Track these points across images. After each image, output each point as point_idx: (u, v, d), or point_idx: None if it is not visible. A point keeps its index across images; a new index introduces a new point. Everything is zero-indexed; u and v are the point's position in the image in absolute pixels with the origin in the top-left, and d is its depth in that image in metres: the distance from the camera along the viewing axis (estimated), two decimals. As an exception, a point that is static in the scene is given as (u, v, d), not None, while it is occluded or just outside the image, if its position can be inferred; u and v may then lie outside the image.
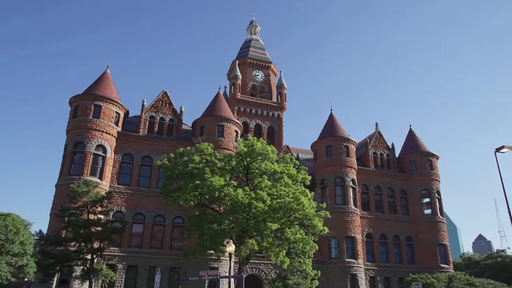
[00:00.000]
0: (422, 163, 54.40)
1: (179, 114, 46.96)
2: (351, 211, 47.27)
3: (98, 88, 43.20)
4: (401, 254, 50.13)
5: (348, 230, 46.28)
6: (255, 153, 27.53)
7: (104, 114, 41.62)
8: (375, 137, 56.04)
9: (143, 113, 45.23)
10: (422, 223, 51.75)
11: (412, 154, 55.49)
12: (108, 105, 42.28)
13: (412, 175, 54.14)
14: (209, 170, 25.98)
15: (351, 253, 45.79)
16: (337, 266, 44.73)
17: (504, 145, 24.21)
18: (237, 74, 63.33)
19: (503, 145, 24.26)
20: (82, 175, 38.54)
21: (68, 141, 40.65)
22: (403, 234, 51.02)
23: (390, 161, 55.07)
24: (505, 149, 24.38)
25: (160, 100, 46.97)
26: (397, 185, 53.61)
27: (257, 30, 74.26)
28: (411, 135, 58.38)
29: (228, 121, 46.25)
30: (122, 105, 43.87)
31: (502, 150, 24.47)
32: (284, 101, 64.78)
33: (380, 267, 48.03)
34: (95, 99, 41.69)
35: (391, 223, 51.03)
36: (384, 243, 49.95)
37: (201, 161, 26.79)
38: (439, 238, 50.65)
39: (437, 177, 54.62)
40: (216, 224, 23.93)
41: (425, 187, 53.37)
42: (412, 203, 53.27)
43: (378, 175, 53.07)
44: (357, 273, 44.55)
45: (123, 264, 37.44)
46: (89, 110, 41.15)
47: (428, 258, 49.70)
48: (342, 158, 49.63)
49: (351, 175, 49.33)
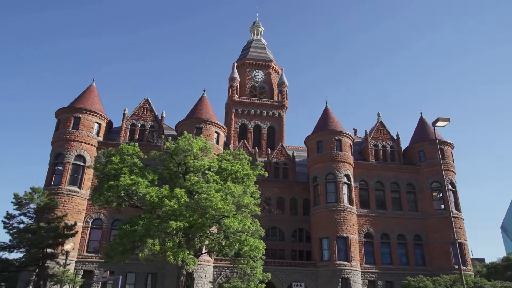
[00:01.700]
0: (431, 153, 48.79)
1: (160, 120, 47.21)
2: (343, 209, 43.63)
3: (79, 101, 44.99)
4: (408, 254, 45.06)
5: (339, 230, 42.69)
6: (180, 150, 26.40)
7: (83, 125, 43.10)
8: (377, 128, 51.57)
9: (124, 121, 46.17)
10: (433, 219, 46.18)
11: (420, 144, 50.11)
12: (87, 116, 43.75)
13: (420, 167, 48.79)
14: (127, 170, 25.38)
15: (344, 255, 42.11)
16: (328, 269, 41.38)
17: (439, 117, 20.63)
18: (234, 76, 62.64)
19: (438, 118, 20.69)
20: (60, 184, 40.23)
21: (51, 153, 42.68)
22: (411, 233, 45.89)
23: (394, 153, 50.19)
24: (441, 122, 20.81)
25: (141, 108, 47.70)
26: (403, 178, 48.57)
27: (260, 30, 73.11)
28: (422, 123, 52.78)
29: (207, 123, 45.50)
30: (103, 115, 45.12)
31: (437, 124, 20.93)
32: (285, 99, 62.64)
33: (382, 269, 43.52)
34: (74, 111, 43.42)
35: (396, 221, 46.21)
36: (387, 243, 45.30)
37: (122, 161, 26.29)
38: (453, 236, 44.64)
39: (451, 167, 48.59)
40: (128, 225, 23.19)
41: (435, 179, 47.69)
42: (421, 197, 47.86)
43: (379, 169, 48.56)
44: (350, 276, 40.75)
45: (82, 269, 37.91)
46: (69, 123, 42.92)
47: (440, 259, 44.11)
48: (333, 153, 46.22)
49: (344, 171, 45.66)
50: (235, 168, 29.05)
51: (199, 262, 39.23)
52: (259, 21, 74.07)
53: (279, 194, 49.55)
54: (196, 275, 38.65)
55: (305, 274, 42.14)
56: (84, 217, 40.58)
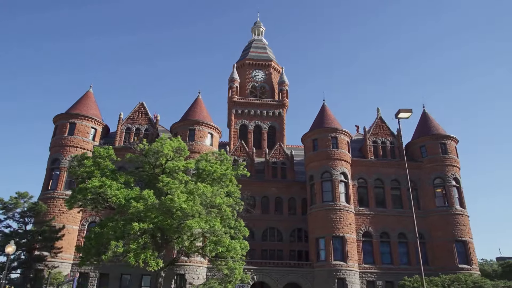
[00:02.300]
0: (433, 148, 47.01)
1: (155, 123, 47.65)
2: (339, 208, 42.57)
3: (75, 107, 46.02)
4: (409, 254, 43.44)
5: (335, 230, 41.66)
6: (151, 152, 26.40)
7: (78, 130, 44.04)
8: (376, 124, 50.12)
9: (119, 125, 46.86)
10: (435, 216, 44.38)
11: (421, 139, 48.34)
12: (83, 121, 44.67)
13: (422, 163, 47.05)
14: (98, 173, 25.57)
15: (340, 254, 41.05)
16: (323, 269, 40.45)
17: (400, 109, 19.75)
18: (234, 77, 62.56)
19: (399, 109, 19.81)
20: (56, 189, 41.22)
21: (48, 159, 43.79)
22: (412, 231, 44.21)
23: (395, 149, 48.60)
24: (402, 114, 19.93)
25: (136, 111, 48.31)
26: (404, 175, 46.90)
27: (261, 30, 72.75)
28: (425, 118, 50.93)
29: (199, 124, 45.56)
30: (98, 120, 45.94)
31: (399, 116, 20.05)
32: (286, 98, 62.00)
33: (382, 269, 42.13)
34: (70, 117, 44.45)
35: (396, 219, 44.68)
36: (387, 242, 43.85)
37: (96, 164, 26.51)
38: (457, 234, 42.82)
39: (454, 162, 46.62)
40: (98, 227, 23.37)
41: (438, 175, 45.88)
42: (423, 194, 46.11)
43: (379, 166, 47.13)
44: (346, 277, 39.66)
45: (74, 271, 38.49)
46: (64, 128, 43.96)
47: (444, 257, 42.29)
48: (328, 151, 45.24)
49: (340, 168, 44.59)
50: (213, 169, 28.80)
51: (191, 263, 39.42)
52: (260, 21, 73.71)
53: (277, 194, 49.00)
54: (188, 277, 38.63)
55: (301, 275, 41.37)
56: (80, 221, 41.35)
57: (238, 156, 50.56)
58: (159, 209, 22.61)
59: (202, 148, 44.38)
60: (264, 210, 48.31)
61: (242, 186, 47.84)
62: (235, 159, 50.12)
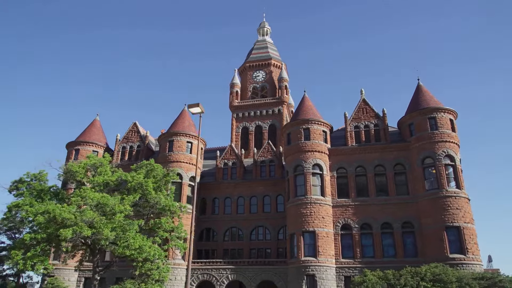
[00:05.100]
0: (421, 124, 41.78)
1: (144, 138, 52.23)
2: (309, 202, 40.90)
3: (81, 135, 53.35)
4: (396, 245, 39.21)
5: (305, 224, 40.16)
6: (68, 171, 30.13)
7: (81, 155, 50.95)
8: (358, 107, 46.48)
9: (116, 145, 52.66)
10: (424, 201, 39.28)
11: (409, 116, 43.32)
12: (85, 147, 51.61)
13: (410, 143, 42.20)
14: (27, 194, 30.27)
15: (312, 250, 39.42)
16: (293, 266, 39.34)
17: (188, 104, 19.84)
18: (234, 82, 64.37)
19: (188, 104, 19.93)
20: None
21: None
22: (398, 220, 39.91)
23: (380, 132, 44.47)
24: (194, 109, 20.03)
25: (130, 131, 53.57)
26: (390, 159, 42.65)
27: (266, 30, 73.08)
28: (419, 92, 45.45)
29: (177, 135, 48.40)
30: (99, 144, 52.40)
31: (192, 111, 20.18)
32: (285, 94, 61.46)
33: (362, 264, 38.93)
34: (75, 144, 51.84)
35: (379, 208, 40.81)
36: (369, 234, 40.35)
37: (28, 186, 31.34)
38: (448, 219, 37.23)
39: (447, 137, 40.59)
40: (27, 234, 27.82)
41: (427, 154, 40.58)
42: (412, 178, 41.18)
43: (360, 152, 43.68)
44: (316, 273, 37.91)
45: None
46: (71, 154, 51.42)
47: (434, 247, 37.16)
48: (300, 143, 43.82)
49: (312, 160, 42.79)
50: (130, 179, 31.38)
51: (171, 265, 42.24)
52: (265, 22, 73.95)
53: (265, 193, 49.10)
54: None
55: (275, 273, 40.90)
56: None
57: (228, 159, 52.01)
58: (53, 221, 26.16)
59: (180, 157, 47.21)
60: (252, 209, 48.85)
61: (232, 189, 49.67)
62: (225, 162, 51.84)
